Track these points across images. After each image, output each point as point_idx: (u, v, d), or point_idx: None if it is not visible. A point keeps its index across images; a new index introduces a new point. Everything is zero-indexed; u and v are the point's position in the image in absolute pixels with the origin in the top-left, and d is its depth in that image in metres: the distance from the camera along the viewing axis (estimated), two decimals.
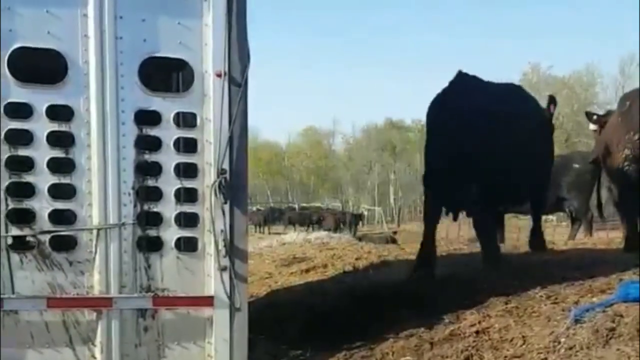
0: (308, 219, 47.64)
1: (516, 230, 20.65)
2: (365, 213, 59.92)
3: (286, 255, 13.56)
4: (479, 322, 6.51)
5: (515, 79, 68.09)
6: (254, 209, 53.70)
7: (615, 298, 6.14)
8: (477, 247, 11.27)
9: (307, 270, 11.70)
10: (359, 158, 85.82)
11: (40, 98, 5.19)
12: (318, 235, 17.77)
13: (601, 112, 12.94)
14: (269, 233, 44.14)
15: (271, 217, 51.80)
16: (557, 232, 26.71)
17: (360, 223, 50.40)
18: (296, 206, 61.54)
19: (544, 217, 17.85)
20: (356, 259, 12.12)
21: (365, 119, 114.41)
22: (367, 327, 7.07)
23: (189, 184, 5.50)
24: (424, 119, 9.54)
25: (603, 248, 11.03)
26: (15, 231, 5.21)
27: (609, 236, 19.56)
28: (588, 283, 6.85)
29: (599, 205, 14.27)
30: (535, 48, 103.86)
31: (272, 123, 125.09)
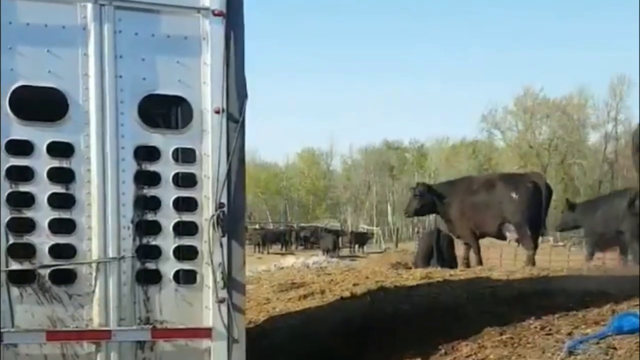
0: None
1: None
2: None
3: (284, 281, 13.62)
4: (475, 353, 6.55)
5: (508, 102, 68.83)
6: (257, 226, 53.72)
7: (609, 330, 6.19)
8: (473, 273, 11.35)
9: (305, 296, 11.74)
10: (357, 178, 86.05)
11: (41, 135, 5.28)
12: (316, 259, 17.86)
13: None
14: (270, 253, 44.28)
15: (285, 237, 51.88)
16: (555, 252, 26.73)
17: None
18: (294, 225, 61.68)
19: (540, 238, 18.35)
20: (354, 284, 12.17)
21: (363, 141, 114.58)
22: (364, 357, 7.11)
23: (187, 217, 5.58)
24: (421, 139, 9.68)
25: (598, 275, 11.09)
26: (15, 265, 5.28)
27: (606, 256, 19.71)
28: (582, 313, 6.90)
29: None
30: (526, 72, 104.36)
31: (270, 144, 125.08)
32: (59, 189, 5.34)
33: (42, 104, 5.27)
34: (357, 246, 51.46)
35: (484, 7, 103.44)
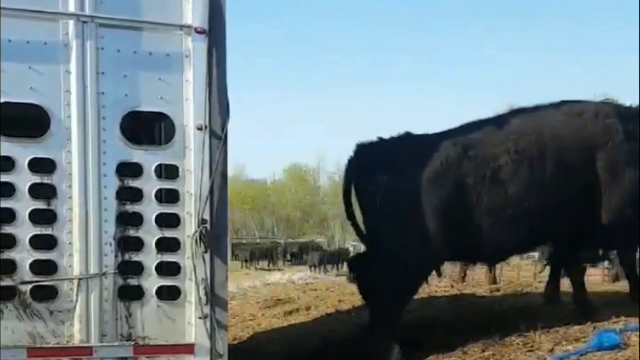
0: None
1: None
2: (351, 249, 59.97)
3: (270, 297, 13.58)
4: None
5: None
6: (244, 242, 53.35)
7: (590, 347, 6.22)
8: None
9: (291, 313, 11.72)
10: None
11: (23, 151, 5.29)
12: (302, 275, 17.84)
13: None
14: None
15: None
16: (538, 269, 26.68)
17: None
18: (282, 241, 61.53)
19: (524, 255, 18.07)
20: (339, 301, 12.14)
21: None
22: None
23: (170, 234, 5.59)
24: None
25: None
26: None
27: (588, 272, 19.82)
28: (563, 330, 6.92)
29: None
30: (511, 90, 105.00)
31: (258, 161, 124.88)
32: (40, 205, 5.34)
33: (24, 121, 5.28)
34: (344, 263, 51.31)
35: (482, 14, 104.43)
